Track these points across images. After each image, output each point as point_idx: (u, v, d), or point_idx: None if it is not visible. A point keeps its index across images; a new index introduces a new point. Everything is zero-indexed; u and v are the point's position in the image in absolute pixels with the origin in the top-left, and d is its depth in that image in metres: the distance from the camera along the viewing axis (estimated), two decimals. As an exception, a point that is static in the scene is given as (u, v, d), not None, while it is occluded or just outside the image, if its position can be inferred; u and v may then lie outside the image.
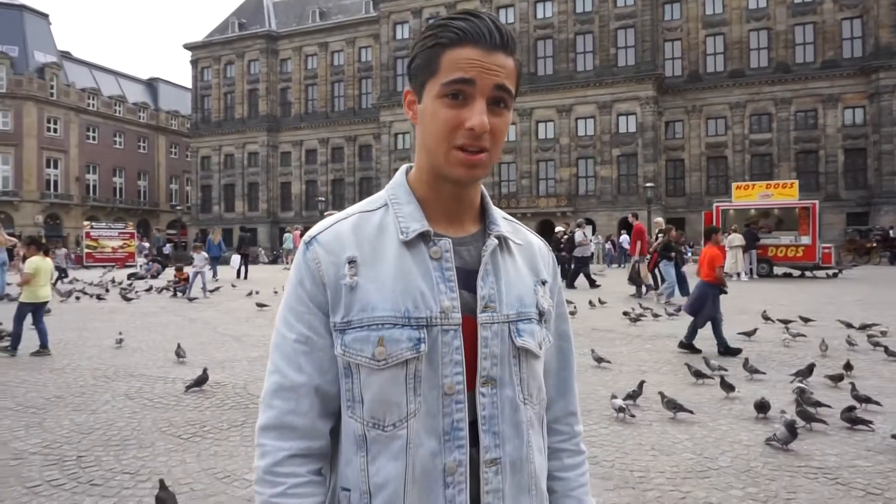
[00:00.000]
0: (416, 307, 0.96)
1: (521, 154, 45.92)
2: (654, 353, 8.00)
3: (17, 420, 5.18)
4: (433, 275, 0.98)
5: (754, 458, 4.27)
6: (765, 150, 42.51)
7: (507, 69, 0.98)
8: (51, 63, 55.35)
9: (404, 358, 0.94)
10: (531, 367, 1.05)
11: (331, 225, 1.04)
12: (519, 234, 1.13)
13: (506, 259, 1.06)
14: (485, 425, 0.98)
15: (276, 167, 56.48)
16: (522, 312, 1.04)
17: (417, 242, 1.00)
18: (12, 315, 8.20)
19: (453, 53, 0.96)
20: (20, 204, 52.03)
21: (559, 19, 45.13)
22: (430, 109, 0.98)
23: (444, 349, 0.96)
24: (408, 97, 1.05)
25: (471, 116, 0.95)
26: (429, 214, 1.03)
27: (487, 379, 0.99)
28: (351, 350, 0.96)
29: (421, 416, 0.95)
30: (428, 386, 0.95)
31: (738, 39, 43.39)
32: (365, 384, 0.96)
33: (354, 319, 0.96)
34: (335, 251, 1.00)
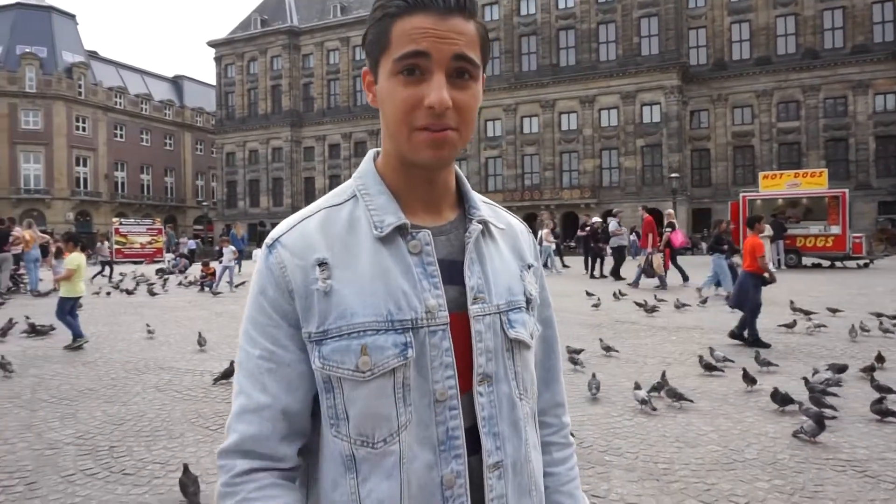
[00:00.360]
0: (399, 309, 0.87)
1: (544, 146, 45.67)
2: (680, 345, 7.94)
3: (52, 411, 5.33)
4: (414, 271, 0.89)
5: (781, 450, 4.22)
6: (793, 138, 41.74)
7: (468, 35, 0.87)
8: (78, 63, 56.33)
9: (391, 366, 0.85)
10: (524, 359, 0.98)
11: (295, 224, 0.93)
12: (499, 217, 1.05)
13: (489, 245, 0.98)
14: (485, 427, 0.90)
15: (300, 162, 56.90)
16: (512, 302, 0.97)
17: (394, 237, 0.90)
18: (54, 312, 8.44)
19: (403, 24, 0.86)
20: (51, 201, 53.16)
21: (581, 9, 44.70)
22: (386, 89, 0.89)
23: (432, 352, 0.88)
24: (366, 78, 0.95)
25: (429, 93, 0.85)
26: (403, 204, 0.93)
27: (484, 376, 0.91)
28: (331, 362, 0.86)
29: (413, 428, 0.86)
30: (418, 394, 0.87)
31: (765, 26, 42.58)
32: (349, 399, 0.86)
33: (332, 328, 0.86)
34: (302, 253, 0.89)
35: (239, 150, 59.05)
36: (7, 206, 49.96)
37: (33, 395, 5.88)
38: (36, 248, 16.04)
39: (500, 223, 1.03)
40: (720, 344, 7.75)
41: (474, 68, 0.88)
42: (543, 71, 45.84)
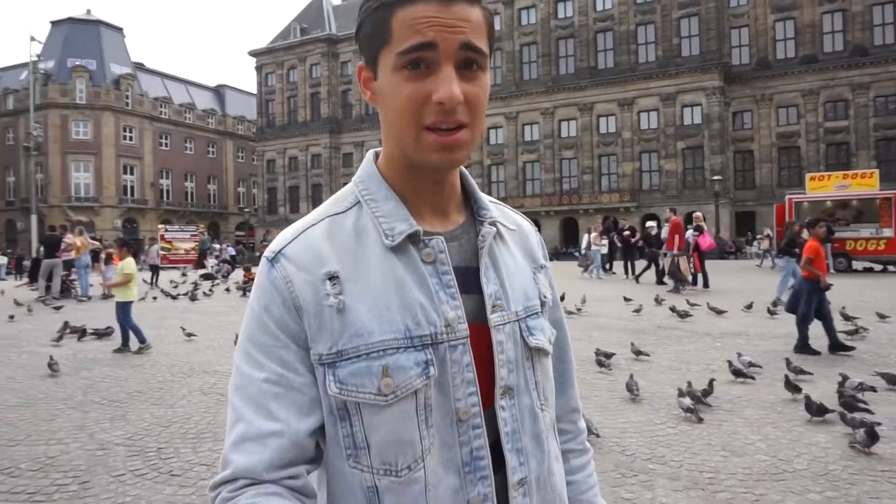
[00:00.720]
0: (417, 324, 0.80)
1: (583, 149, 45.27)
2: (724, 352, 7.75)
3: (103, 413, 5.49)
4: (430, 282, 0.83)
5: (833, 460, 4.09)
6: (841, 138, 40.49)
7: (474, 22, 0.80)
8: (126, 74, 58.13)
9: (414, 387, 0.79)
10: (544, 367, 0.93)
11: (298, 234, 0.85)
12: (508, 217, 0.98)
13: (501, 248, 0.92)
14: (508, 443, 0.85)
15: (339, 168, 57.57)
16: (529, 307, 0.91)
17: (405, 245, 0.84)
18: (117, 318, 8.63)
19: (404, 13, 0.78)
20: (100, 209, 54.89)
21: (619, 10, 44.22)
22: (389, 85, 0.81)
23: (453, 369, 0.81)
24: (362, 74, 0.87)
25: (437, 87, 0.78)
26: (410, 209, 0.87)
27: (506, 389, 0.85)
28: (350, 386, 0.78)
29: (436, 450, 0.80)
30: (440, 414, 0.81)
31: (811, 23, 41.45)
32: (370, 425, 0.79)
33: (347, 348, 0.79)
34: (310, 266, 0.82)
35: (279, 157, 60.06)
36: (59, 213, 51.79)
37: (85, 396, 6.07)
38: (87, 255, 16.59)
39: (510, 223, 0.97)
40: (763, 350, 7.56)
41: (482, 58, 0.81)
42: (581, 74, 45.47)
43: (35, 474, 4.04)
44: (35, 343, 9.25)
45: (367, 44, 0.84)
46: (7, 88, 58.81)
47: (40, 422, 5.23)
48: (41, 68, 49.45)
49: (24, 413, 5.51)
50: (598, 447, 4.26)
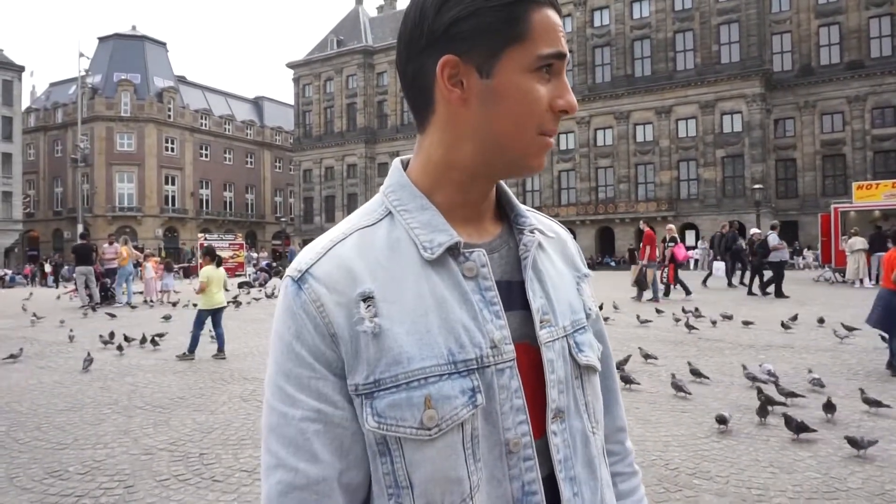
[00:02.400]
0: (461, 347, 0.73)
1: (619, 158, 44.84)
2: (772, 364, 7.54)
3: (147, 418, 5.59)
4: (473, 299, 0.75)
5: (890, 479, 3.92)
6: (889, 145, 39.31)
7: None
8: (168, 87, 59.78)
9: (461, 419, 0.71)
10: (594, 386, 0.85)
11: (326, 251, 0.76)
12: (544, 224, 0.91)
13: (542, 259, 0.85)
14: (562, 472, 0.77)
15: (374, 178, 58.09)
16: (576, 321, 0.85)
17: (444, 259, 0.76)
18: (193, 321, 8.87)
19: (541, 15, 0.75)
20: (143, 219, 56.39)
21: (657, 18, 43.80)
22: (517, 86, 0.74)
23: (501, 395, 0.73)
24: (448, 69, 0.75)
25: (563, 94, 0.76)
26: (448, 221, 0.79)
27: (556, 412, 0.78)
28: (389, 420, 0.70)
29: (483, 486, 0.72)
30: (487, 446, 0.73)
31: (857, 28, 40.45)
32: (412, 462, 0.71)
33: (385, 377, 0.71)
34: (342, 287, 0.73)
35: (315, 166, 60.87)
36: (104, 223, 53.38)
37: (129, 402, 6.20)
38: (130, 264, 17.07)
39: (549, 231, 0.90)
40: (810, 364, 7.33)
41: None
42: (618, 82, 45.10)
43: (83, 478, 4.13)
44: (80, 349, 9.50)
45: (486, 37, 0.74)
46: (56, 103, 61.04)
47: (87, 426, 5.36)
48: (88, 83, 51.21)
49: (71, 417, 5.65)
50: (640, 460, 4.16)
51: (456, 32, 0.74)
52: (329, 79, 60.45)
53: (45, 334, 11.14)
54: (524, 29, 0.74)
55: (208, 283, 8.66)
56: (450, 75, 0.75)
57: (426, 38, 0.75)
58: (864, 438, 4.30)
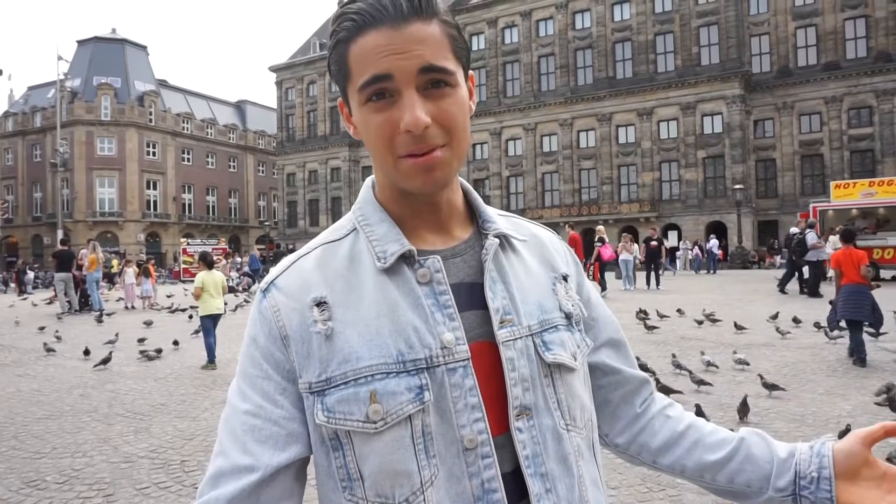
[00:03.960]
0: (410, 347, 0.77)
1: (602, 159, 45.11)
2: (751, 363, 7.62)
3: (127, 426, 5.52)
4: (425, 303, 0.79)
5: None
6: (866, 145, 39.91)
7: (431, 40, 0.77)
8: (149, 91, 59.21)
9: (406, 413, 0.75)
10: (568, 384, 0.85)
11: (290, 264, 0.85)
12: (521, 228, 0.95)
13: (511, 260, 0.88)
14: (530, 468, 0.79)
15: (358, 181, 57.89)
16: (545, 320, 0.86)
17: (399, 267, 0.81)
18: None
19: (357, 47, 0.77)
20: (124, 224, 55.76)
21: (637, 21, 44.16)
22: (360, 120, 0.81)
23: (454, 393, 0.77)
24: (343, 110, 0.87)
25: (403, 115, 0.76)
26: (407, 231, 0.84)
27: (522, 409, 0.80)
28: (337, 414, 0.75)
29: (441, 483, 0.75)
30: (444, 443, 0.76)
31: (833, 30, 41.04)
32: (361, 455, 0.76)
33: (335, 375, 0.76)
34: (297, 294, 0.81)
35: (299, 170, 60.61)
36: (84, 228, 52.72)
37: (109, 409, 6.12)
38: (99, 270, 16.80)
39: (522, 235, 0.93)
40: (790, 362, 7.40)
41: (449, 76, 0.78)
42: (600, 84, 45.39)
43: (61, 487, 4.07)
44: (61, 356, 9.37)
45: (336, 81, 0.83)
46: (35, 106, 60.20)
47: (66, 434, 5.28)
48: (68, 86, 50.62)
49: (50, 425, 5.57)
50: (623, 460, 4.18)
51: (335, 81, 0.85)
52: (312, 82, 60.24)
53: (24, 341, 10.98)
54: (346, 68, 0.79)
55: (204, 289, 8.45)
56: (346, 116, 0.87)
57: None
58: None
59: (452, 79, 0.79)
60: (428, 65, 0.76)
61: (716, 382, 6.48)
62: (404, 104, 0.76)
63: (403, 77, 0.75)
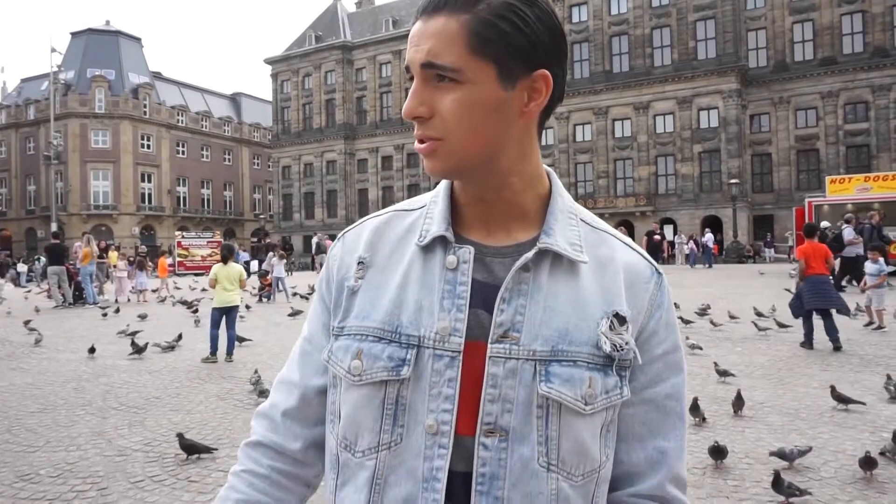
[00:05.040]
0: (409, 323, 0.81)
1: (598, 153, 45.09)
2: (745, 356, 7.64)
3: (122, 419, 5.51)
4: (441, 288, 0.81)
5: (861, 468, 3.99)
6: (861, 140, 39.96)
7: (444, 35, 0.76)
8: (144, 84, 58.85)
9: (379, 378, 0.80)
10: (568, 425, 0.78)
11: (362, 222, 0.94)
12: (601, 246, 0.86)
13: (557, 279, 0.82)
14: (482, 485, 0.77)
15: (354, 174, 57.81)
16: (563, 351, 0.79)
17: (434, 248, 0.84)
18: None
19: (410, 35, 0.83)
20: (119, 217, 55.52)
21: (634, 14, 44.06)
22: None
23: (433, 378, 0.78)
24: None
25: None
26: (464, 219, 0.87)
27: (494, 428, 0.77)
28: (334, 358, 0.86)
29: (400, 451, 0.79)
30: (414, 419, 0.79)
31: (829, 25, 41.03)
32: (343, 399, 0.84)
33: (348, 326, 0.86)
34: (351, 249, 0.90)
35: (294, 163, 60.42)
36: (78, 221, 52.52)
37: (104, 402, 6.10)
38: (92, 263, 16.73)
39: (590, 255, 0.84)
40: (786, 356, 7.44)
41: (454, 73, 0.76)
42: (596, 78, 45.32)
43: (54, 480, 4.06)
44: (54, 349, 9.34)
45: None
46: (28, 99, 59.81)
47: (60, 428, 5.26)
48: (61, 79, 50.23)
49: (43, 419, 5.55)
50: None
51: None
52: (307, 75, 59.95)
53: (17, 335, 10.93)
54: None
55: (217, 281, 8.33)
56: None
57: None
58: (795, 449, 4.05)
59: (459, 75, 0.76)
60: (426, 61, 0.78)
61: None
62: (410, 93, 0.82)
63: (414, 69, 0.80)
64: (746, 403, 5.28)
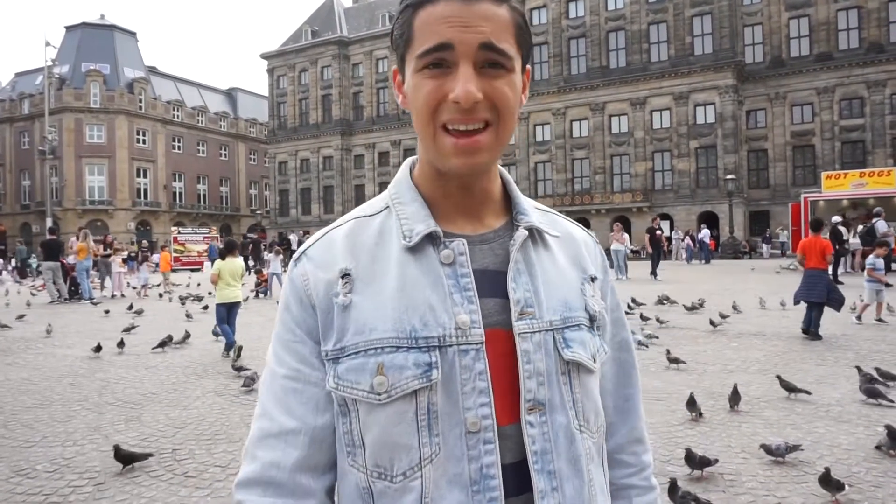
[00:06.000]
0: (424, 325, 0.77)
1: (595, 149, 45.08)
2: (741, 352, 7.67)
3: (118, 414, 5.50)
4: (445, 283, 0.80)
5: (856, 462, 4.01)
6: (857, 136, 40.03)
7: (498, 21, 0.77)
8: (139, 78, 58.59)
9: (411, 388, 0.76)
10: (585, 385, 0.84)
11: (323, 235, 0.88)
12: (556, 224, 0.93)
13: (541, 255, 0.87)
14: (537, 463, 0.78)
15: (350, 170, 57.69)
16: (569, 318, 0.85)
17: (424, 246, 0.82)
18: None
19: (426, 14, 0.78)
20: (114, 212, 55.34)
21: (631, 10, 44.00)
22: (412, 86, 0.81)
23: (463, 375, 0.77)
24: (395, 78, 0.88)
25: (454, 86, 0.76)
26: (438, 213, 0.85)
27: (535, 404, 0.79)
28: (345, 382, 0.78)
29: (440, 462, 0.76)
30: (448, 423, 0.76)
31: (825, 20, 41.04)
32: (365, 424, 0.78)
33: (349, 345, 0.79)
34: (325, 264, 0.83)
35: (291, 159, 60.28)
36: (74, 217, 52.33)
37: (100, 398, 6.09)
38: (89, 259, 16.70)
39: (556, 231, 0.91)
40: (781, 351, 7.46)
41: (506, 59, 0.78)
42: (593, 73, 45.28)
43: (51, 476, 4.05)
44: (50, 345, 9.32)
45: (397, 46, 0.84)
46: (23, 93, 59.47)
47: (56, 423, 5.25)
48: (56, 73, 50.02)
49: (40, 414, 5.54)
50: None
51: (392, 45, 0.85)
52: (304, 70, 59.75)
53: (12, 330, 10.90)
54: (410, 33, 0.80)
55: (219, 276, 8.28)
56: (397, 83, 0.88)
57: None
58: (784, 445, 4.03)
59: (510, 63, 0.79)
60: (489, 42, 0.76)
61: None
62: (460, 75, 0.76)
63: (464, 49, 0.76)
64: (742, 398, 5.29)
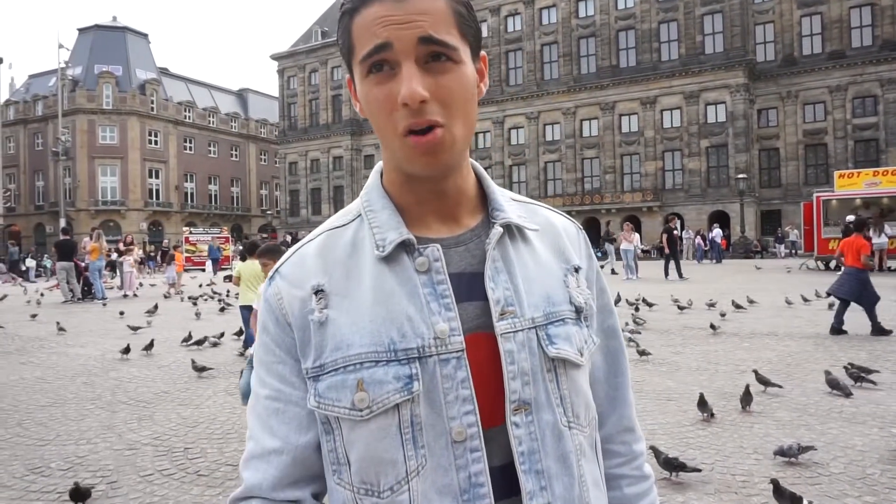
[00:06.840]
0: (402, 337, 0.76)
1: (605, 148, 44.95)
2: (753, 352, 7.62)
3: (131, 413, 5.54)
4: (421, 292, 0.78)
5: (870, 464, 3.97)
6: (870, 135, 39.68)
7: (435, 13, 0.75)
8: (151, 80, 58.99)
9: (393, 402, 0.74)
10: (573, 380, 0.83)
11: (295, 252, 0.85)
12: (536, 215, 0.91)
13: (520, 250, 0.85)
14: (524, 464, 0.77)
15: (360, 170, 57.80)
16: (552, 313, 0.83)
17: (398, 255, 0.80)
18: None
19: (361, 18, 0.76)
20: (126, 213, 55.75)
21: (641, 9, 43.83)
22: (363, 94, 0.79)
23: (445, 385, 0.75)
24: (350, 88, 0.85)
25: (401, 87, 0.73)
26: (411, 218, 0.83)
27: (520, 404, 0.78)
28: (326, 400, 0.77)
29: (427, 473, 0.74)
30: (433, 434, 0.75)
31: (838, 18, 40.70)
32: (349, 441, 0.77)
33: (328, 362, 0.77)
34: (298, 281, 0.81)
35: (301, 159, 60.49)
36: (87, 217, 52.74)
37: (113, 397, 6.14)
38: (101, 259, 16.85)
39: (535, 223, 0.88)
40: (794, 351, 7.41)
41: (450, 50, 0.75)
42: (603, 73, 45.14)
43: (65, 474, 4.09)
44: (63, 344, 9.40)
45: (344, 57, 0.82)
46: (36, 95, 60.02)
47: (70, 421, 5.30)
48: (69, 75, 50.48)
49: (54, 413, 5.59)
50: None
51: (342, 56, 0.83)
52: (314, 70, 59.95)
53: (27, 329, 11.01)
54: (350, 40, 0.78)
55: (240, 279, 8.36)
56: (353, 93, 0.84)
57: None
58: (796, 445, 3.97)
59: (455, 54, 0.76)
60: (427, 35, 0.73)
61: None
62: (403, 77, 0.74)
63: (402, 46, 0.74)
64: (754, 399, 5.26)
